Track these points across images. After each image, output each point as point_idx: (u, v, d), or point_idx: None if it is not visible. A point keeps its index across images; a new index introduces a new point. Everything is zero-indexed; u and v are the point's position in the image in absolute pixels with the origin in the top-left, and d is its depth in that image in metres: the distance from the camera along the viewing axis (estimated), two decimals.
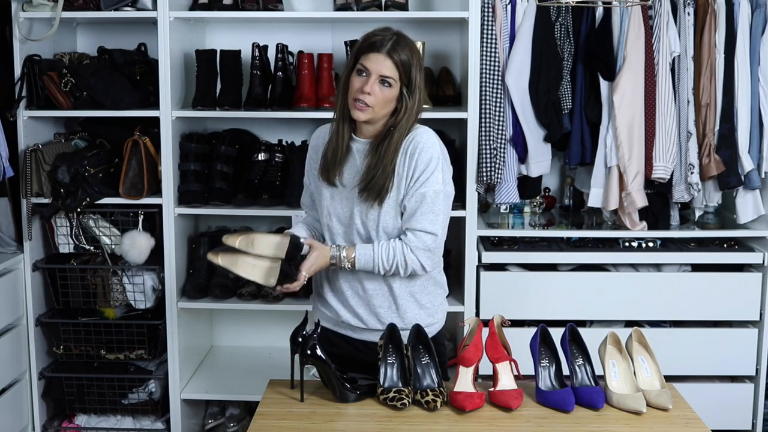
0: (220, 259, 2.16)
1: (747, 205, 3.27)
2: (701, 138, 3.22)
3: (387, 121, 2.23)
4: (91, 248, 3.27)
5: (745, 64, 3.18)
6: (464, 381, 2.09)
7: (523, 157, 3.27)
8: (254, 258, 2.16)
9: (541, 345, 2.16)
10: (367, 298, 2.30)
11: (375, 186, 2.20)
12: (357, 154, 2.26)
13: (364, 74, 2.17)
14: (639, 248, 3.27)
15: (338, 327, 2.38)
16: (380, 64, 2.16)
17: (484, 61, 3.16)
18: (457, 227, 3.20)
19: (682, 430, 1.97)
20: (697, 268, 3.29)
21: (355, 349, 2.35)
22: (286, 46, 3.35)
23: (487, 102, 3.18)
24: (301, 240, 2.20)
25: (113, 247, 3.25)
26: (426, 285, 2.33)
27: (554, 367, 2.14)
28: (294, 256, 2.16)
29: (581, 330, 2.18)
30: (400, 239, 2.22)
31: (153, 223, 3.24)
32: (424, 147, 2.21)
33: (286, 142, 3.47)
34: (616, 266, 3.31)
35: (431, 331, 2.34)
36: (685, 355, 3.25)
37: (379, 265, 2.21)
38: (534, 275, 3.28)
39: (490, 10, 3.16)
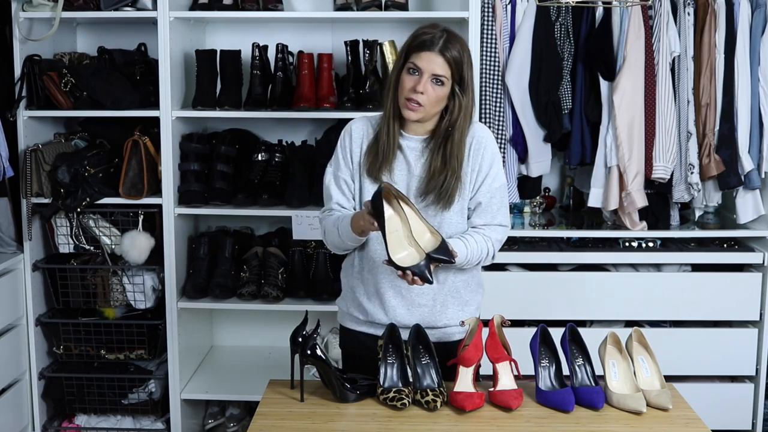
0: (387, 212, 2.03)
1: (747, 205, 3.27)
2: (701, 138, 3.22)
3: (439, 119, 2.21)
4: (91, 248, 3.27)
5: (745, 64, 3.18)
6: (464, 381, 2.09)
7: (523, 157, 3.27)
8: (404, 231, 2.06)
9: (541, 345, 2.16)
10: (411, 297, 2.25)
11: (445, 191, 2.17)
12: (409, 151, 2.23)
13: (416, 73, 2.13)
14: (639, 248, 3.27)
15: (373, 329, 2.30)
16: (432, 63, 2.12)
17: (484, 61, 3.17)
18: None
19: (682, 430, 1.97)
20: (697, 268, 3.29)
21: None
22: (286, 46, 3.35)
23: (487, 102, 3.18)
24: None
25: (113, 247, 3.25)
26: (470, 282, 2.31)
27: (554, 367, 2.14)
28: (436, 260, 2.06)
29: (581, 330, 2.18)
30: (477, 232, 2.21)
31: (153, 223, 3.24)
32: (488, 142, 2.24)
33: (286, 142, 3.47)
34: (616, 266, 3.31)
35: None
36: (685, 355, 3.25)
37: (471, 261, 2.18)
38: (534, 275, 3.28)
39: (490, 10, 3.16)
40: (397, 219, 2.06)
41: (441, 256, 2.04)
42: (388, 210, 2.05)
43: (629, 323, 3.29)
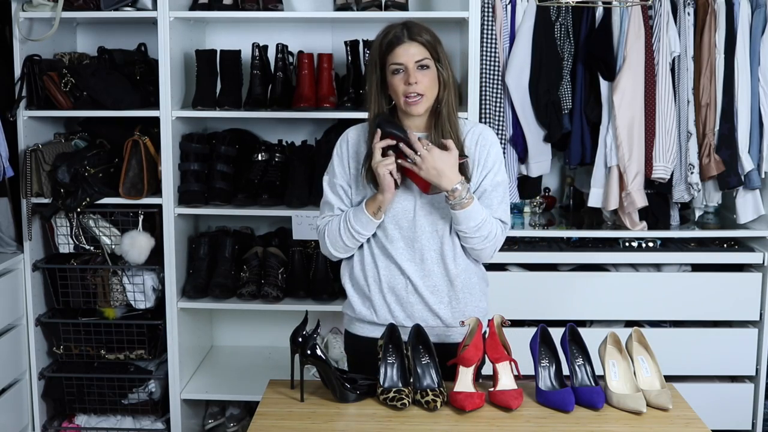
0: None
1: (747, 205, 3.27)
2: (701, 138, 3.22)
3: (433, 105, 2.22)
4: (91, 248, 3.27)
5: (745, 64, 3.18)
6: (464, 381, 2.09)
7: (523, 157, 3.27)
8: None
9: (541, 345, 2.16)
10: (428, 295, 2.27)
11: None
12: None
13: (401, 70, 2.16)
14: (639, 248, 3.27)
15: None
16: (409, 53, 2.15)
17: (484, 61, 3.17)
18: None
19: (682, 430, 1.97)
20: (697, 268, 3.29)
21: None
22: (286, 46, 3.35)
23: (487, 102, 3.18)
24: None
25: (113, 247, 3.25)
26: (479, 273, 2.34)
27: (554, 367, 2.14)
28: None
29: (581, 330, 2.18)
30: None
31: (153, 223, 3.24)
32: (494, 139, 2.29)
33: (286, 142, 3.47)
34: (616, 266, 3.31)
35: None
36: (685, 355, 3.25)
37: (484, 226, 2.18)
38: (534, 275, 3.28)
39: (490, 10, 3.16)
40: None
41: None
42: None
43: (629, 323, 3.29)
